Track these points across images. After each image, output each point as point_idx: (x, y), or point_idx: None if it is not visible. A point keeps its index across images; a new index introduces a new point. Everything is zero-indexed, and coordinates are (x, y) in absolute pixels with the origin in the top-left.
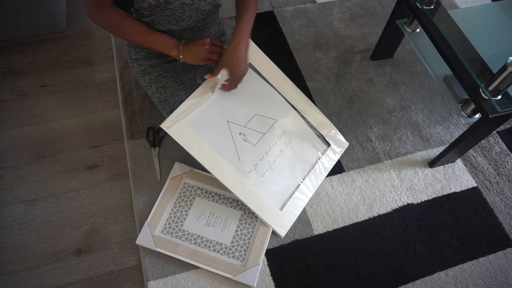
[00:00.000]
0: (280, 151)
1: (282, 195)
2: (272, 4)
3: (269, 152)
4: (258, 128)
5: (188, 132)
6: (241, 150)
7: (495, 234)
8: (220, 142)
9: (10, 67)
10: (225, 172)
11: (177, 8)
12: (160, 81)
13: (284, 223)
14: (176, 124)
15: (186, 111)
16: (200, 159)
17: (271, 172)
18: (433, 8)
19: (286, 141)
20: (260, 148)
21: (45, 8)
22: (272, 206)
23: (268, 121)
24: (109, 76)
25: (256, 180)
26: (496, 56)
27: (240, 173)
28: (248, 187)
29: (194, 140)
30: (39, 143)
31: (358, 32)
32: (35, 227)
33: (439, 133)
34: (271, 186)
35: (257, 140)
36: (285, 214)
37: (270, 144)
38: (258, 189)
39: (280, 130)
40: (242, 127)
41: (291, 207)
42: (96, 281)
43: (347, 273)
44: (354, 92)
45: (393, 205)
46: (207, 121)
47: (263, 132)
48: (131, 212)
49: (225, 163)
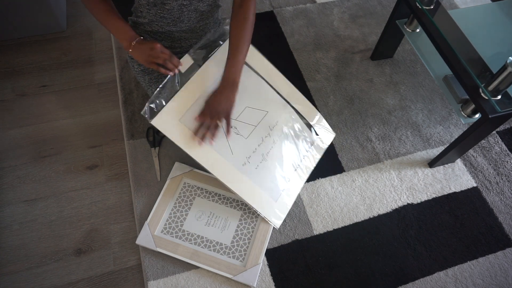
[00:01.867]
0: (273, 142)
1: (276, 187)
2: (272, 4)
3: (262, 144)
4: (250, 121)
5: (179, 127)
6: (233, 144)
7: (495, 234)
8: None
9: (10, 67)
10: (219, 166)
11: (175, 8)
12: (160, 81)
13: (279, 215)
14: (166, 119)
15: (176, 106)
16: (193, 154)
17: (265, 164)
18: (433, 8)
19: (279, 132)
20: (253, 141)
21: (45, 8)
22: (267, 198)
23: (260, 113)
24: (109, 76)
25: (250, 172)
26: (496, 56)
27: (233, 166)
28: (242, 179)
29: (185, 135)
30: (39, 143)
31: (358, 32)
32: (35, 227)
33: (439, 133)
34: (266, 178)
35: (249, 133)
36: (280, 206)
37: (263, 136)
38: (253, 182)
39: (272, 122)
40: (233, 120)
41: (285, 198)
42: (96, 281)
43: (347, 273)
44: (354, 92)
45: (393, 205)
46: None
47: (254, 125)
48: (131, 212)
49: (218, 156)
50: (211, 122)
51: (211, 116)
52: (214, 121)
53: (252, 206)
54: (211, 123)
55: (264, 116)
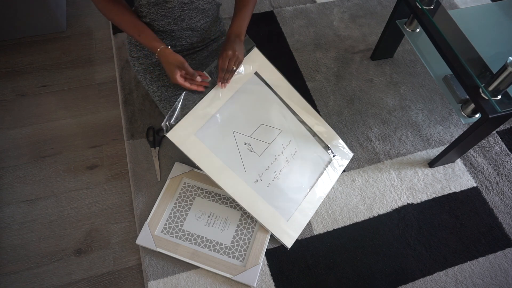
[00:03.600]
0: (286, 161)
1: (289, 206)
2: (272, 4)
3: (275, 162)
4: (264, 138)
5: (195, 141)
6: (246, 160)
7: (495, 234)
8: (225, 152)
9: (10, 67)
10: (231, 182)
11: (176, 7)
12: (161, 80)
13: (291, 234)
14: (182, 133)
15: (192, 121)
16: (207, 169)
17: (277, 182)
18: (433, 8)
19: (292, 151)
20: (266, 158)
21: (45, 8)
22: (278, 217)
23: (274, 131)
24: (109, 76)
25: (262, 190)
26: (496, 56)
27: (246, 184)
28: (254, 197)
29: (200, 151)
30: (39, 143)
31: (358, 32)
32: (35, 227)
33: (439, 133)
34: (278, 197)
35: (263, 150)
36: (292, 225)
37: (276, 154)
38: (264, 200)
39: (286, 140)
40: (248, 137)
41: (298, 217)
42: (96, 281)
43: (347, 273)
44: (354, 92)
45: (393, 205)
46: (212, 131)
47: (268, 142)
48: (131, 212)
49: (231, 173)
50: (229, 65)
51: (231, 57)
52: (231, 65)
53: (263, 225)
54: (229, 67)
55: (278, 134)
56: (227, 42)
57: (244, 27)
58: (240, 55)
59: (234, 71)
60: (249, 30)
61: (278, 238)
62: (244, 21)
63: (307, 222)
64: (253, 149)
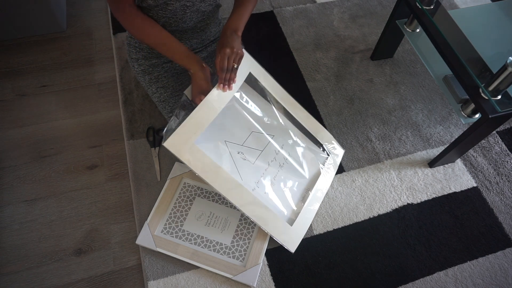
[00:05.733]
0: (280, 166)
1: (288, 210)
2: (272, 4)
3: (268, 168)
4: (256, 146)
5: (193, 149)
6: (241, 169)
7: (495, 234)
8: (221, 162)
9: (10, 67)
10: (234, 190)
11: (178, 9)
12: (161, 81)
13: (295, 239)
14: (179, 141)
15: (189, 129)
16: (207, 178)
17: (274, 188)
18: (433, 8)
19: (286, 155)
20: (260, 166)
21: (45, 8)
22: (283, 223)
23: (265, 137)
24: (109, 76)
25: (261, 197)
26: (496, 56)
27: (249, 192)
28: (256, 205)
29: (199, 158)
30: (39, 143)
31: (358, 32)
32: (35, 227)
33: (439, 133)
34: (276, 202)
35: (256, 158)
36: (295, 229)
37: (269, 160)
38: (265, 206)
39: (278, 145)
40: (240, 145)
41: (300, 221)
42: (96, 281)
43: (347, 273)
44: (354, 92)
45: (393, 205)
46: (207, 141)
47: (260, 149)
48: (131, 212)
49: (233, 180)
50: (228, 63)
51: (229, 55)
52: (230, 63)
53: (267, 231)
54: (229, 66)
55: (270, 140)
56: (223, 38)
57: (242, 23)
58: (239, 50)
59: (236, 69)
60: (249, 30)
61: (283, 244)
62: (243, 17)
63: (309, 225)
64: (247, 158)
